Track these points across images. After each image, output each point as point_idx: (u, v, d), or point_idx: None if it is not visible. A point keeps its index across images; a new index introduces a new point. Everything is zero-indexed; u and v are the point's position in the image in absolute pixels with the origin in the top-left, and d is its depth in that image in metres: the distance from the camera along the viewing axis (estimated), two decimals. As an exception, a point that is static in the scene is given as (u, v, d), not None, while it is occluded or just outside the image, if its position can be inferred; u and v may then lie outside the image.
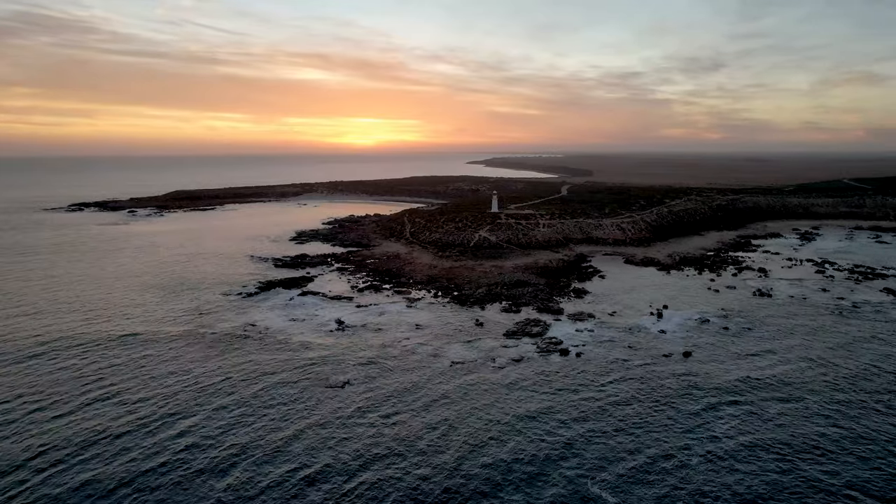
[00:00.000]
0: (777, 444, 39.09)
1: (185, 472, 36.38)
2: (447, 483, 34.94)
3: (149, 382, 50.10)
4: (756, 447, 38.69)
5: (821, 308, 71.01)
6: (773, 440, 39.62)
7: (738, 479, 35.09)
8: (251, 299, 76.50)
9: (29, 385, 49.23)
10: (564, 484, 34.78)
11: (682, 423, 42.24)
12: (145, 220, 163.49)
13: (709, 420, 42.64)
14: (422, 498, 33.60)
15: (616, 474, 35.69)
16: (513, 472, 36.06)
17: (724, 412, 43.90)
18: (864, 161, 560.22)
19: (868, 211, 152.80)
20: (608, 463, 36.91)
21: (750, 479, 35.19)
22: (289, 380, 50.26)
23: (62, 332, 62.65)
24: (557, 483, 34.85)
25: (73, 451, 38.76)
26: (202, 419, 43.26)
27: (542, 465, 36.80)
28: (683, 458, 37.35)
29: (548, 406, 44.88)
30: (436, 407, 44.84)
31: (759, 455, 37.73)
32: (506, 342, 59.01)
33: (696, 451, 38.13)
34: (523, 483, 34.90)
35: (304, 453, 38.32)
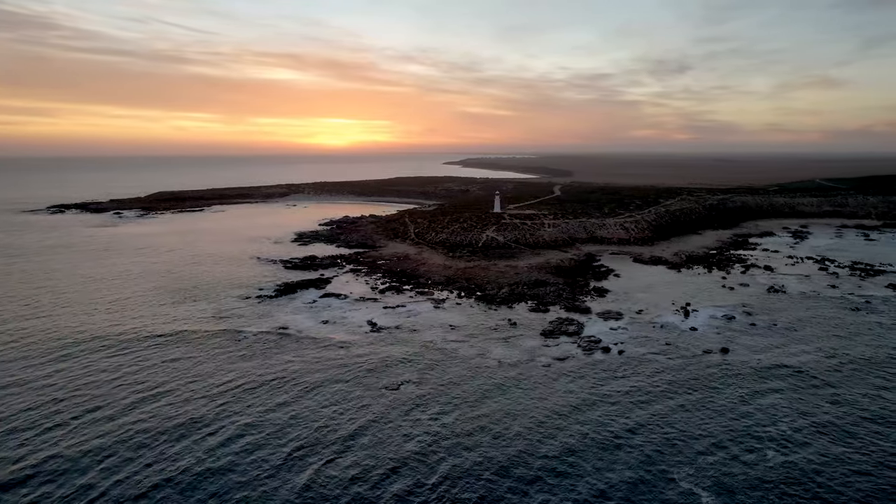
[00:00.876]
0: (837, 425, 40.45)
1: (258, 469, 35.85)
2: (527, 474, 35.14)
3: (195, 382, 49.40)
4: (819, 431, 40.00)
5: (835, 304, 73.48)
6: (832, 422, 41.04)
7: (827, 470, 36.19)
8: (273, 301, 75.33)
9: (72, 386, 47.80)
10: (652, 472, 35.32)
11: (742, 411, 43.39)
12: (135, 221, 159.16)
13: (765, 408, 43.99)
14: (502, 489, 33.71)
15: (697, 463, 36.40)
16: (588, 462, 36.45)
17: (777, 400, 45.45)
18: (825, 162, 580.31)
19: (850, 210, 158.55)
20: (684, 453, 37.60)
21: (834, 467, 36.32)
22: (341, 380, 49.86)
23: (92, 334, 60.86)
24: (639, 469, 35.36)
25: (135, 452, 38.15)
26: (259, 418, 42.85)
27: (616, 453, 37.29)
28: (754, 444, 38.37)
29: (607, 399, 45.55)
30: (496, 404, 44.99)
31: (826, 437, 39.00)
32: (546, 341, 59.48)
33: (766, 437, 39.21)
34: (605, 471, 35.32)
35: (376, 450, 38.06)
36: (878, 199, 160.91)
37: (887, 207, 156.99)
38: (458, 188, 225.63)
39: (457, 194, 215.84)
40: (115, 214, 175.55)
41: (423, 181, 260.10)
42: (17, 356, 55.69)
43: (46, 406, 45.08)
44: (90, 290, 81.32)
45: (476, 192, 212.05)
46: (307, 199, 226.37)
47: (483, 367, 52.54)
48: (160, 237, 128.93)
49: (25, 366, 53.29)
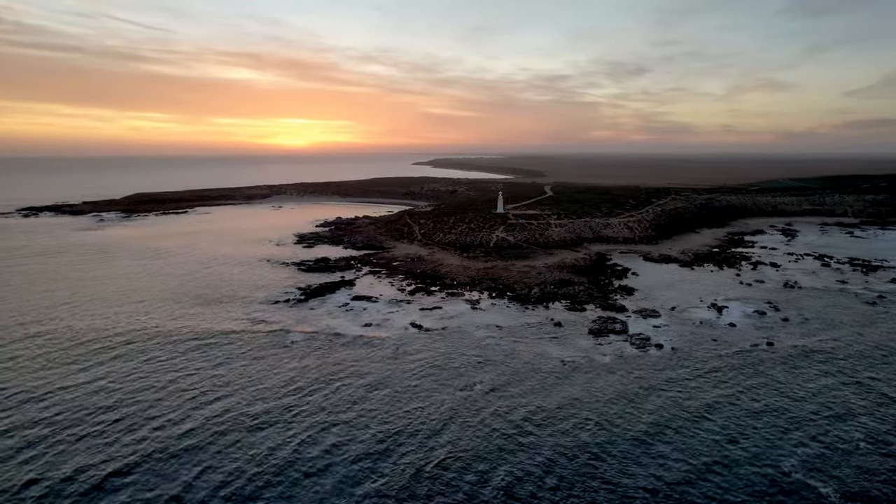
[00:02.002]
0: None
1: (358, 464, 35.37)
2: (641, 471, 35.69)
3: (261, 381, 48.74)
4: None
5: (851, 298, 76.84)
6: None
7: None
8: (304, 305, 73.90)
9: (137, 386, 46.02)
10: (760, 458, 36.33)
11: (819, 401, 45.10)
12: (121, 224, 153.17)
13: (839, 395, 45.82)
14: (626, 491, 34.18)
15: (800, 450, 37.67)
16: (698, 453, 37.28)
17: (844, 387, 47.47)
18: (780, 162, 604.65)
19: (828, 208, 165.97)
20: (781, 439, 38.83)
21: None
22: (411, 380, 49.42)
23: (130, 336, 58.54)
24: (751, 455, 36.36)
25: (225, 450, 37.00)
26: (340, 416, 42.23)
27: (717, 444, 38.23)
28: (836, 421, 40.02)
29: (681, 389, 46.61)
30: (581, 402, 45.40)
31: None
32: (597, 340, 60.32)
33: (843, 415, 40.91)
34: (720, 459, 36.20)
35: (472, 443, 37.91)
36: (853, 198, 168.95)
37: (862, 205, 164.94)
38: (444, 189, 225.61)
39: (444, 195, 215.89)
40: (95, 217, 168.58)
41: (407, 182, 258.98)
42: (70, 358, 54.23)
43: (125, 406, 43.58)
44: (109, 292, 78.22)
45: (464, 192, 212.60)
46: (291, 200, 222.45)
47: (549, 366, 52.93)
48: (155, 240, 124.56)
49: (82, 368, 51.98)
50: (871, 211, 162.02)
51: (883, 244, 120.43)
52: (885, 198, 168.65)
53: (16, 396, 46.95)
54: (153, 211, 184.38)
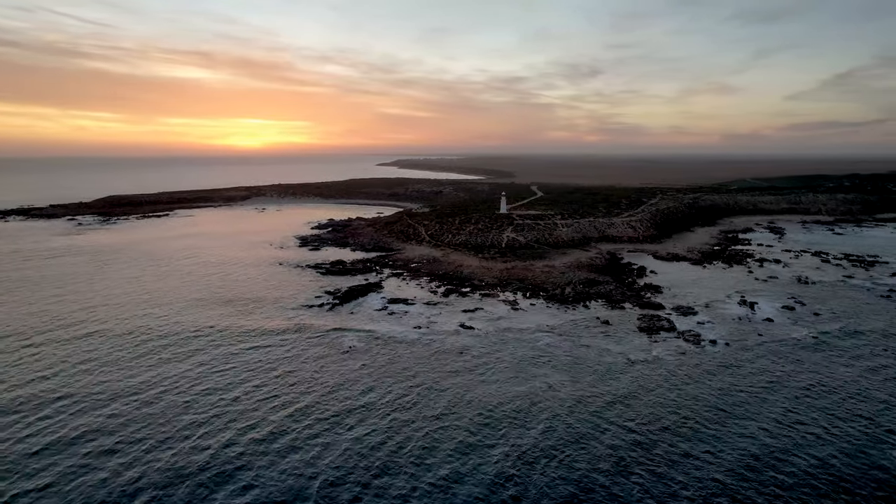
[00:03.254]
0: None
1: (470, 461, 35.07)
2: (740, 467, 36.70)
3: (342, 384, 47.23)
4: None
5: (864, 292, 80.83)
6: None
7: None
8: (341, 308, 72.53)
9: (222, 383, 44.28)
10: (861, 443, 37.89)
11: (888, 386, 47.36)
12: (103, 228, 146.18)
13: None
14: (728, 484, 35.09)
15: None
16: (796, 422, 38.59)
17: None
18: (732, 163, 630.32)
19: (804, 207, 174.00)
20: (870, 421, 40.60)
21: None
22: (488, 382, 49.16)
23: (181, 336, 56.23)
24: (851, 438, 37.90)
25: (314, 440, 35.84)
26: (427, 414, 41.48)
27: (815, 433, 39.66)
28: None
29: (760, 380, 48.11)
30: (665, 397, 46.20)
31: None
32: (652, 337, 61.50)
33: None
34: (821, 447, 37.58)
35: (580, 442, 38.14)
36: (826, 197, 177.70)
37: (835, 204, 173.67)
38: (429, 190, 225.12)
39: (430, 196, 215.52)
40: (72, 221, 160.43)
41: (390, 182, 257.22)
42: (139, 356, 55.16)
43: (213, 406, 42.42)
44: (139, 294, 75.18)
45: (451, 192, 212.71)
46: (271, 202, 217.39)
47: (618, 364, 53.68)
48: (152, 244, 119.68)
49: (157, 365, 52.14)
50: (844, 209, 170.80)
51: (866, 240, 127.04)
52: (855, 197, 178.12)
53: (100, 396, 46.87)
54: (131, 214, 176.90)
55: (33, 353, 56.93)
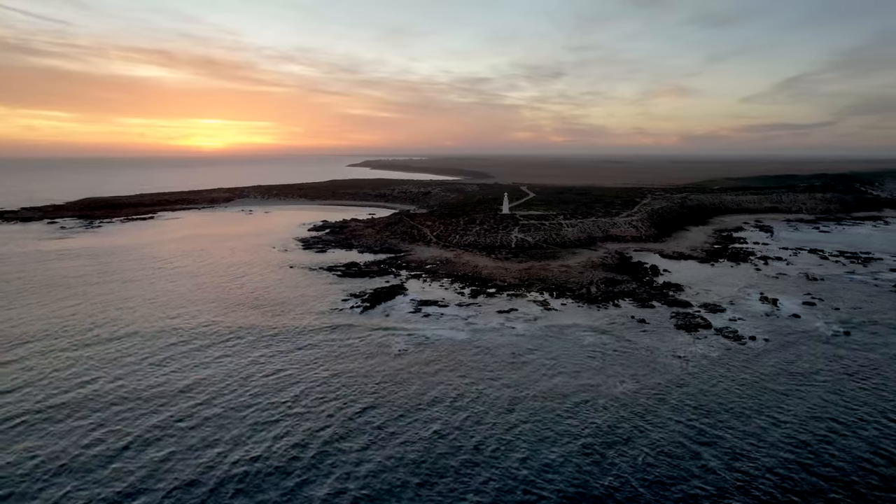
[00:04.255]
0: None
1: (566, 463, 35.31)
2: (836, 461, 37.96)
3: (398, 383, 46.47)
4: None
5: (872, 287, 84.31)
6: None
7: None
8: (373, 311, 71.59)
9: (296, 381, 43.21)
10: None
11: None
12: (90, 231, 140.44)
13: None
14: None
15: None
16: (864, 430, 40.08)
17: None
18: (693, 162, 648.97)
19: (786, 206, 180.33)
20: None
21: None
22: (561, 384, 49.32)
23: (229, 334, 54.72)
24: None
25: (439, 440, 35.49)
26: (512, 414, 41.49)
27: (870, 420, 41.25)
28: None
29: (815, 372, 49.61)
30: (731, 394, 47.21)
31: None
32: (692, 335, 62.74)
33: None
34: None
35: (669, 438, 38.78)
36: (806, 196, 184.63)
37: (814, 203, 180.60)
38: (416, 191, 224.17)
39: (418, 197, 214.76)
40: (52, 224, 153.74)
41: (376, 183, 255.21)
42: (188, 354, 52.05)
43: (280, 401, 41.39)
44: (162, 296, 72.45)
45: (439, 193, 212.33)
46: (255, 203, 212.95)
47: (669, 361, 54.63)
48: (150, 248, 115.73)
49: (214, 361, 51.02)
50: (823, 208, 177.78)
51: (852, 237, 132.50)
52: (833, 196, 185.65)
53: (161, 396, 45.99)
54: (113, 217, 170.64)
55: (82, 355, 56.62)
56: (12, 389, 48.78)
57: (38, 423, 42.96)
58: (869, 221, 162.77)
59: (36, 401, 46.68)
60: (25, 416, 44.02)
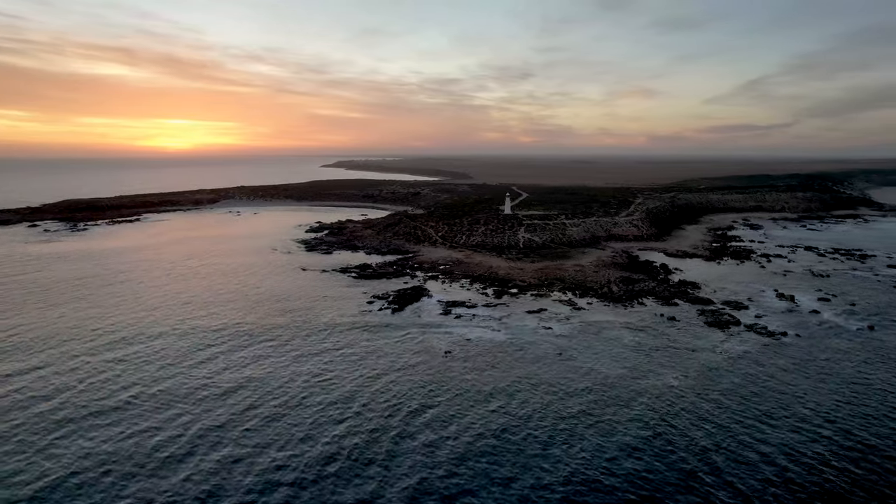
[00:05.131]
0: None
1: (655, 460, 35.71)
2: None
3: (454, 383, 46.24)
4: None
5: (875, 282, 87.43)
6: None
7: None
8: (401, 314, 70.91)
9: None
10: None
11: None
12: (78, 235, 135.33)
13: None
14: None
15: None
16: None
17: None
18: (660, 163, 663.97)
19: (769, 205, 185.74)
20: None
21: None
22: (607, 373, 49.61)
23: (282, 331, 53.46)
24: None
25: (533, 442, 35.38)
26: (577, 416, 41.71)
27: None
28: None
29: (864, 363, 51.15)
30: (784, 386, 48.28)
31: None
32: (725, 332, 63.96)
33: None
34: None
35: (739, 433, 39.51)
36: (787, 195, 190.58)
37: (796, 202, 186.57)
38: (404, 191, 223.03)
39: (406, 197, 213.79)
40: (34, 227, 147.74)
41: (362, 184, 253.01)
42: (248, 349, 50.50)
43: (352, 401, 40.41)
44: (173, 299, 70.07)
45: (429, 194, 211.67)
46: (241, 204, 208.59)
47: (713, 357, 55.60)
48: (144, 250, 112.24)
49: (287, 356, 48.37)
50: (804, 207, 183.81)
51: (839, 235, 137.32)
52: (812, 195, 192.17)
53: (215, 392, 43.86)
54: (97, 219, 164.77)
55: (117, 356, 55.43)
56: (57, 392, 47.30)
57: (95, 424, 41.26)
58: (849, 219, 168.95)
59: (82, 404, 45.11)
60: (78, 418, 42.38)
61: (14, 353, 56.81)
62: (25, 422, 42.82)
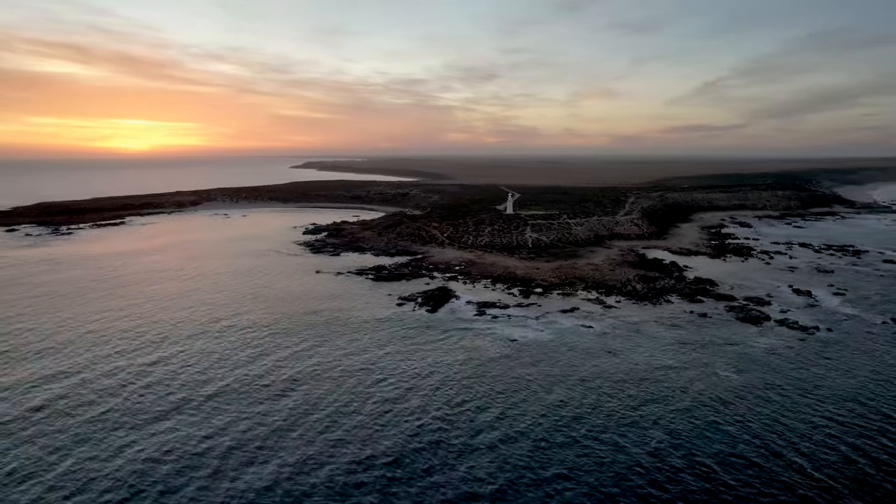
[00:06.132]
0: None
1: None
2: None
3: (518, 383, 46.30)
4: None
5: (879, 277, 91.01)
6: None
7: None
8: (434, 316, 70.33)
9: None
10: None
11: None
12: (63, 239, 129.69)
13: None
14: None
15: None
16: None
17: None
18: (626, 163, 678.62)
19: (752, 203, 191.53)
20: None
21: None
22: (669, 370, 50.28)
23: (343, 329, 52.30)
24: None
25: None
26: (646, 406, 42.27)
27: None
28: None
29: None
30: (843, 380, 49.77)
31: None
32: (758, 327, 65.57)
33: None
34: None
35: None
36: (769, 194, 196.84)
37: (776, 200, 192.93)
38: (392, 192, 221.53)
39: (395, 198, 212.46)
40: (13, 232, 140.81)
41: (348, 185, 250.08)
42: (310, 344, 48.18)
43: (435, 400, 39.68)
44: (200, 300, 67.91)
45: (418, 194, 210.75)
46: (226, 207, 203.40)
47: (757, 352, 57.00)
48: (142, 255, 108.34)
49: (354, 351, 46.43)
50: (784, 205, 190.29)
51: (825, 231, 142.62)
52: (791, 194, 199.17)
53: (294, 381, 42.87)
54: (78, 223, 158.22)
55: (170, 353, 55.05)
56: (110, 394, 44.91)
57: (161, 428, 39.60)
58: (828, 217, 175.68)
59: (137, 407, 43.16)
60: (138, 421, 40.54)
61: (62, 350, 56.77)
62: (87, 425, 41.60)
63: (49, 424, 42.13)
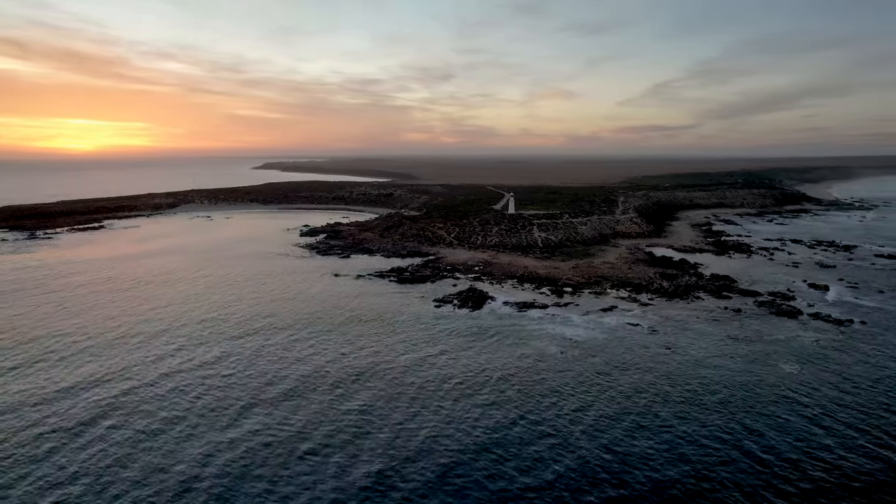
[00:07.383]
0: None
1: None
2: None
3: (589, 380, 46.37)
4: None
5: (878, 270, 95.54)
6: None
7: None
8: (471, 315, 69.71)
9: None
10: None
11: None
12: (44, 243, 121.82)
13: None
14: None
15: None
16: None
17: None
18: (579, 161, 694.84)
19: (730, 201, 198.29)
20: None
21: None
22: (733, 366, 51.19)
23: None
24: None
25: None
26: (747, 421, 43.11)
27: None
28: None
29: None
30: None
31: None
32: (796, 321, 67.64)
33: None
34: None
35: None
36: (745, 192, 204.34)
37: (752, 199, 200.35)
38: (375, 192, 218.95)
39: (378, 198, 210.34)
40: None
41: (330, 186, 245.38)
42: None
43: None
44: (221, 308, 65.08)
45: (403, 195, 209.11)
46: (206, 209, 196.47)
47: (807, 346, 58.68)
48: (134, 260, 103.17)
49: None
50: (761, 203, 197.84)
51: (806, 228, 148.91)
52: (766, 192, 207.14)
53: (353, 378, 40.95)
54: (52, 227, 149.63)
55: (217, 352, 50.88)
56: (183, 391, 42.33)
57: (247, 419, 37.61)
58: (802, 214, 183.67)
59: (207, 403, 40.92)
60: (218, 416, 38.38)
61: (107, 350, 53.17)
62: (166, 423, 38.99)
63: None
